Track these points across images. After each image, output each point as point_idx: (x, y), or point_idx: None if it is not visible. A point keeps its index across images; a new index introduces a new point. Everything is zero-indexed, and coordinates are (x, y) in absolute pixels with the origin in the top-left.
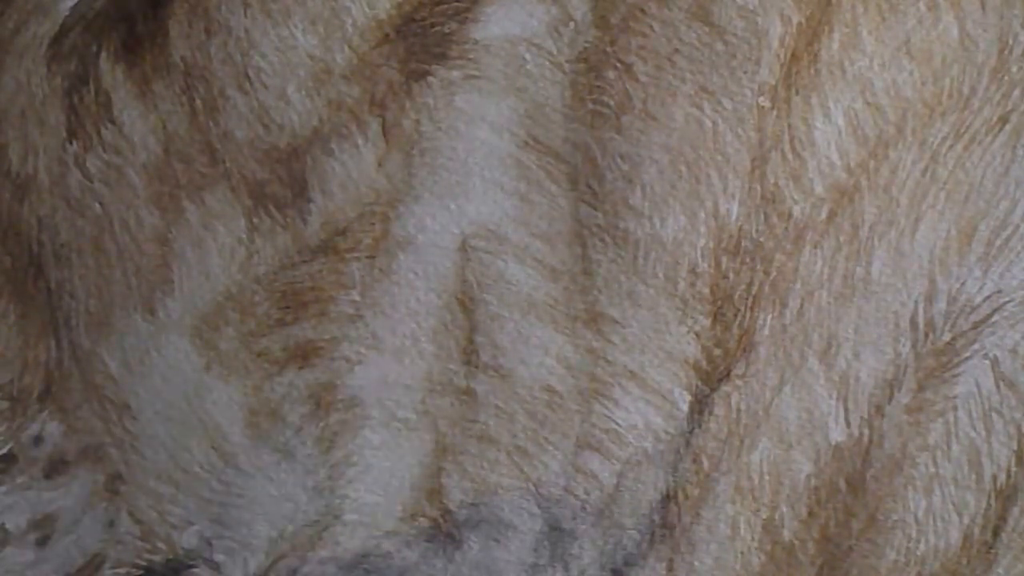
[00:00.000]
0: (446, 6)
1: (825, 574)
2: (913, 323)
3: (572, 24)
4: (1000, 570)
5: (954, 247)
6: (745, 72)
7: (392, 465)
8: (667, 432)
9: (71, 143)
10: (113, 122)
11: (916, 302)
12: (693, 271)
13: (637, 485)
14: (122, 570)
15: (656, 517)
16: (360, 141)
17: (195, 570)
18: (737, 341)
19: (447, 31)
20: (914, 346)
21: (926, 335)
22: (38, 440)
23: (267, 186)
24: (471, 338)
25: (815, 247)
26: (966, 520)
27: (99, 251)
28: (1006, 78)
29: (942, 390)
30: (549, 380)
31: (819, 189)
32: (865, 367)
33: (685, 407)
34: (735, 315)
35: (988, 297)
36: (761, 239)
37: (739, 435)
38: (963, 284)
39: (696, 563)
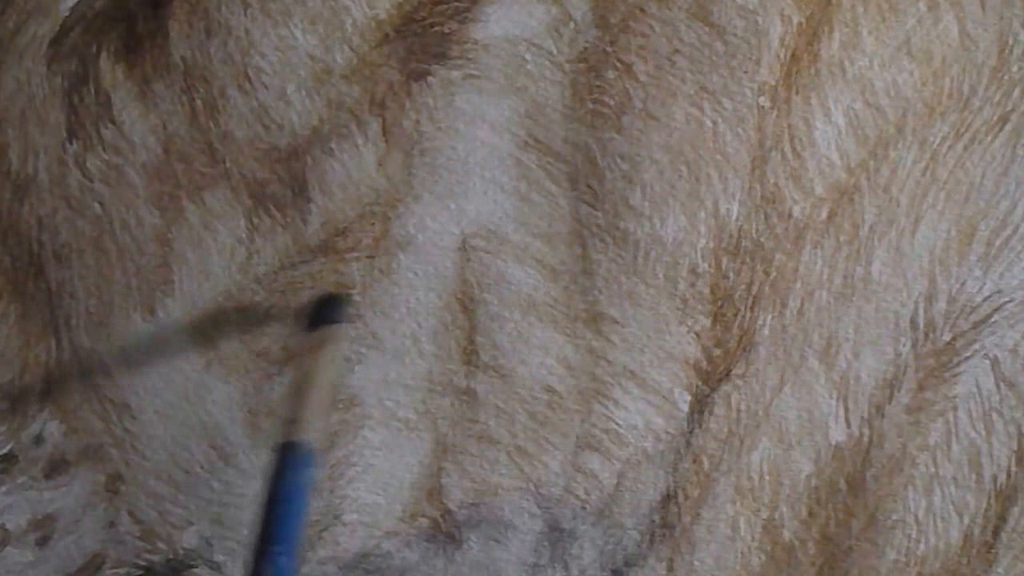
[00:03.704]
0: (446, 6)
1: (825, 574)
2: (913, 323)
3: (572, 24)
4: (1000, 570)
5: (954, 247)
6: (745, 72)
7: (392, 465)
8: (667, 432)
9: (71, 143)
10: (113, 122)
11: (916, 302)
12: (693, 271)
13: (637, 485)
14: (122, 570)
15: (656, 517)
16: (360, 141)
17: (195, 570)
18: (737, 341)
19: (447, 31)
20: (914, 346)
21: (926, 335)
22: (38, 440)
23: (267, 186)
24: (471, 338)
25: (815, 247)
26: (966, 520)
27: (99, 251)
28: (1006, 78)
29: (942, 390)
30: (549, 380)
31: (819, 189)
32: (865, 367)
33: (685, 407)
34: (735, 315)
35: (988, 297)
36: (761, 239)
37: (739, 435)
38: (963, 284)
39: (696, 563)
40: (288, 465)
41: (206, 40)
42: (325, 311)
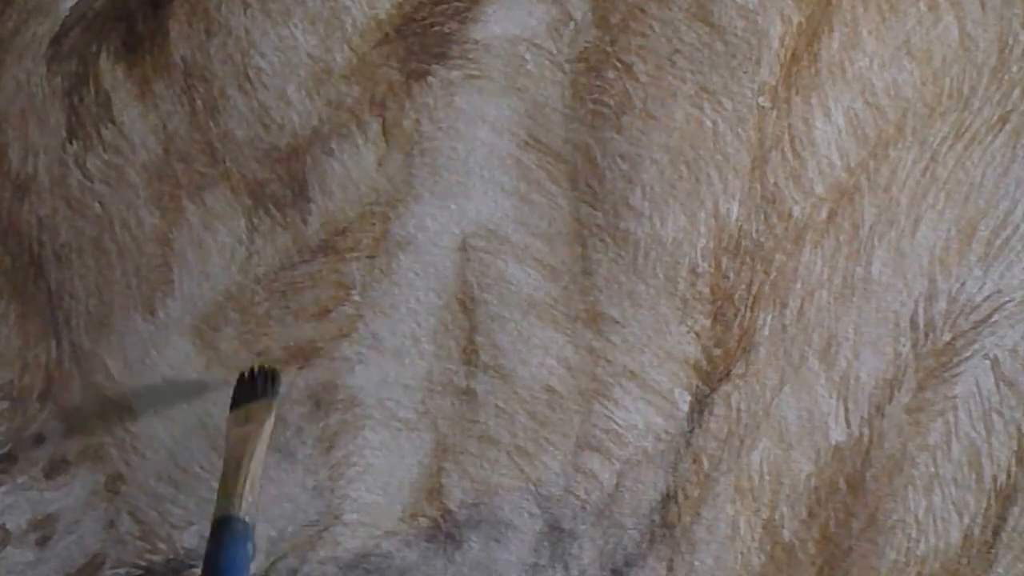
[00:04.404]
0: (446, 6)
1: (825, 574)
2: (913, 323)
3: (572, 24)
4: (1000, 570)
5: (954, 247)
6: (745, 72)
7: (392, 465)
8: (667, 432)
9: (71, 143)
10: (113, 122)
11: (916, 302)
12: (693, 271)
13: (637, 485)
14: (122, 570)
15: (656, 517)
16: (360, 141)
17: (195, 570)
18: (737, 341)
19: (447, 31)
20: (914, 346)
21: (926, 335)
22: (38, 440)
23: (267, 186)
24: (471, 338)
25: (815, 247)
26: (966, 520)
27: (99, 251)
28: (1006, 78)
29: (942, 390)
30: (549, 380)
31: (819, 189)
32: (865, 367)
33: (685, 407)
34: (735, 315)
35: (988, 297)
36: (761, 239)
37: (739, 435)
38: (963, 284)
39: (696, 563)
40: (226, 540)
41: (206, 40)
42: (255, 386)
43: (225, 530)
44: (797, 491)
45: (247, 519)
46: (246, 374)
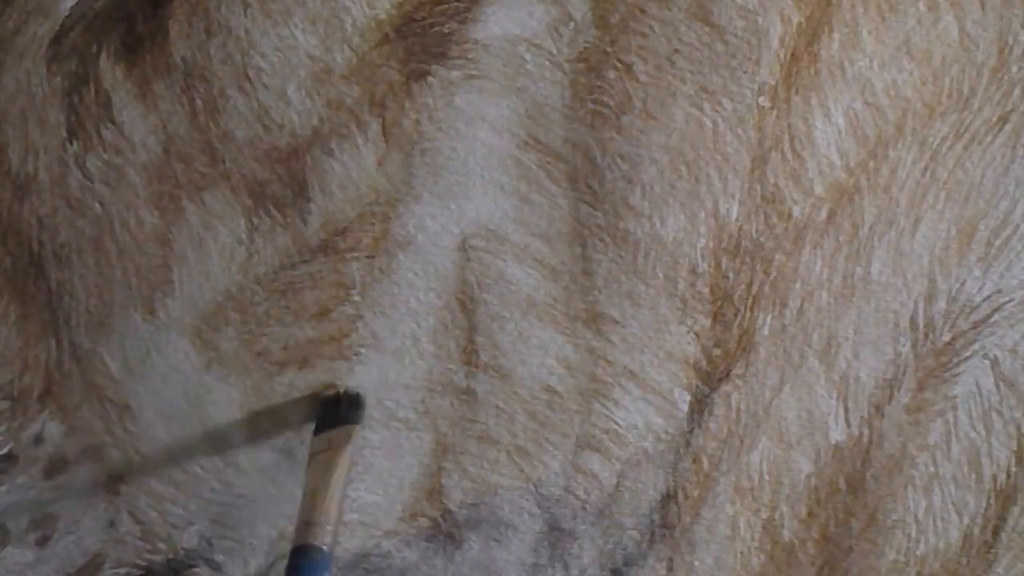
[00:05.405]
0: (446, 6)
1: (825, 574)
2: (913, 323)
3: (572, 24)
4: (1000, 570)
5: (954, 247)
6: (745, 72)
7: (392, 465)
8: (667, 432)
9: (71, 143)
10: (113, 122)
11: (916, 302)
12: (693, 271)
13: (637, 485)
14: (122, 570)
15: (656, 517)
16: (360, 141)
17: (195, 570)
18: (737, 341)
19: (447, 31)
20: (914, 346)
21: (926, 335)
22: (38, 440)
23: (267, 186)
24: (471, 338)
25: (815, 247)
26: (966, 520)
27: (99, 251)
28: (1006, 78)
29: (942, 390)
30: (549, 380)
31: (819, 189)
32: (865, 367)
33: (685, 407)
34: (735, 315)
35: (988, 297)
36: (761, 239)
37: (739, 435)
38: (963, 284)
39: (696, 563)
40: (305, 570)
41: (206, 40)
42: (339, 411)
43: (304, 559)
44: (797, 491)
45: (326, 548)
46: (331, 398)
